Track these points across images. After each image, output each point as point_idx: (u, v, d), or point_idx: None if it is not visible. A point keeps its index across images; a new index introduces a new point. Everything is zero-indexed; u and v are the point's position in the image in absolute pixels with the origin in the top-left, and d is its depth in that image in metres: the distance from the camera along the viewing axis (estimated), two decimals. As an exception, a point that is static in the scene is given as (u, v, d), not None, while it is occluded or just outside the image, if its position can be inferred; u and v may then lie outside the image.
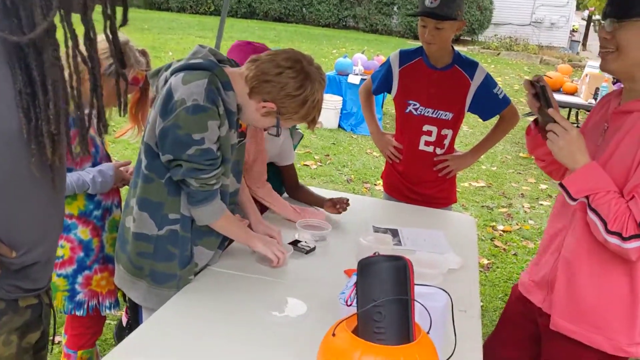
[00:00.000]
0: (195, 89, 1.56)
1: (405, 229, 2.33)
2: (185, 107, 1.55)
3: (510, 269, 4.11)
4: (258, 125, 1.77)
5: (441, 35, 2.44)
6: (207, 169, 1.63)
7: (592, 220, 1.49)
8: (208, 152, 1.61)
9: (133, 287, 1.79)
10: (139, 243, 1.74)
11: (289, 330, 1.57)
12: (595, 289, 1.60)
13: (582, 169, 1.51)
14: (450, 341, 1.39)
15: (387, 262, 1.18)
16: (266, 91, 1.65)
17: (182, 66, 1.63)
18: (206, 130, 1.58)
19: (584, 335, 1.63)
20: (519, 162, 6.82)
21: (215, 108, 1.59)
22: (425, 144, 2.65)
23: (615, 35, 1.52)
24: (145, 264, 1.75)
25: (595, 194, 1.48)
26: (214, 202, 1.70)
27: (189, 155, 1.59)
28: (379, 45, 16.22)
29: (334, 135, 7.08)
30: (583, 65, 12.92)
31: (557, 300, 1.69)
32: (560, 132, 1.52)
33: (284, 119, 1.71)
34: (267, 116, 1.70)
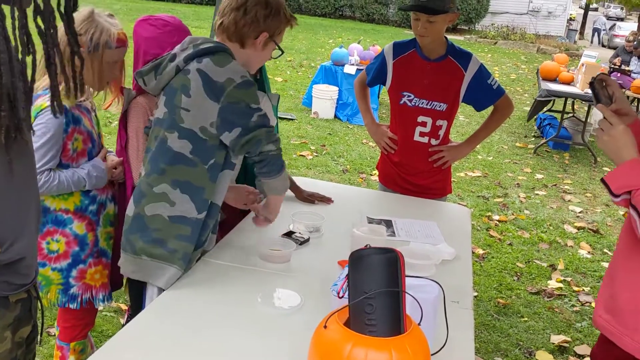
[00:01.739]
0: (237, 68, 1.72)
1: (399, 220, 2.34)
2: (236, 85, 1.69)
3: (506, 259, 4.13)
4: (265, 60, 1.94)
5: (434, 27, 2.44)
6: (271, 132, 1.74)
7: (633, 216, 1.44)
8: (265, 117, 1.74)
9: (159, 273, 1.78)
10: (177, 226, 1.76)
11: (282, 322, 1.58)
12: (631, 288, 1.54)
13: (625, 165, 1.46)
14: (443, 332, 1.41)
15: (378, 255, 1.18)
16: (251, 30, 1.79)
17: (198, 52, 1.73)
18: (258, 101, 1.75)
19: (616, 336, 1.58)
20: (515, 152, 6.83)
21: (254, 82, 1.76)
22: (420, 135, 2.65)
23: None
24: (180, 246, 1.77)
25: (637, 190, 1.42)
26: (284, 171, 1.81)
27: (256, 123, 1.71)
28: (376, 34, 16.17)
29: (330, 126, 7.08)
30: (580, 54, 12.90)
31: (599, 297, 1.66)
32: (605, 127, 1.50)
33: (277, 35, 1.86)
34: (266, 46, 1.85)
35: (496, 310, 3.44)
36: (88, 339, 2.31)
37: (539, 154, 6.79)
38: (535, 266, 4.05)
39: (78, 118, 1.97)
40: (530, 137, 7.59)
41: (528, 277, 3.90)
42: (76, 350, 2.21)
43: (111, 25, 1.96)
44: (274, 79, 9.31)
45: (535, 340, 3.17)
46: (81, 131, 1.98)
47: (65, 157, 1.96)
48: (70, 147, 1.95)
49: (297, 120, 7.15)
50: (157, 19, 2.06)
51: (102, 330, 2.86)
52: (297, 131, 6.71)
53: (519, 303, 3.55)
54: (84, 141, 2.00)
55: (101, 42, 1.92)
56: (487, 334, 3.19)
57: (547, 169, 6.31)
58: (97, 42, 1.91)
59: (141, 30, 2.06)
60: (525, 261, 4.13)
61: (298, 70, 10.38)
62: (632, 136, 1.48)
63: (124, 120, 2.11)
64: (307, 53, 12.21)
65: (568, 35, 20.45)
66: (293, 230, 2.13)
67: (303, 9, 20.59)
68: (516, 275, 3.91)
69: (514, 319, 3.37)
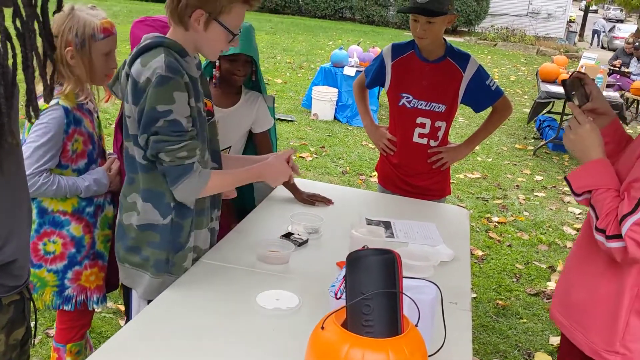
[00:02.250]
0: (155, 64, 1.56)
1: (398, 222, 2.34)
2: (152, 84, 1.55)
3: (505, 260, 4.13)
4: (218, 47, 1.69)
5: (433, 29, 2.44)
6: (173, 140, 1.59)
7: (591, 216, 1.48)
8: (175, 123, 1.58)
9: (138, 280, 1.79)
10: (147, 233, 1.74)
11: (280, 323, 1.58)
12: (585, 288, 1.58)
13: (588, 164, 1.48)
14: (441, 333, 1.41)
15: (375, 256, 1.18)
16: (184, 8, 1.60)
17: (135, 54, 1.64)
18: (172, 102, 1.57)
19: (569, 331, 1.63)
20: (515, 153, 6.83)
21: (178, 78, 1.58)
22: (419, 136, 2.66)
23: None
24: (152, 254, 1.75)
25: (597, 190, 1.45)
26: (191, 177, 1.64)
27: (157, 128, 1.58)
28: (375, 36, 16.18)
29: (330, 127, 7.08)
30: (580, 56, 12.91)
31: (557, 292, 1.72)
32: (573, 125, 1.51)
33: (223, 14, 1.62)
34: (209, 26, 1.63)
35: (495, 312, 3.44)
36: (86, 340, 2.31)
37: (538, 155, 6.79)
38: (534, 267, 4.05)
39: (79, 119, 1.96)
40: (529, 138, 7.59)
41: (527, 279, 3.90)
42: (72, 351, 2.20)
43: (93, 16, 1.93)
44: (273, 80, 9.31)
45: (534, 342, 3.17)
46: (82, 132, 1.98)
47: (65, 157, 1.95)
48: (69, 148, 1.95)
49: (296, 122, 7.15)
50: (155, 20, 2.05)
51: (100, 331, 2.86)
52: (296, 133, 6.71)
53: (518, 304, 3.55)
54: (84, 142, 2.00)
55: (86, 35, 1.90)
56: (486, 335, 3.19)
57: (546, 170, 6.31)
58: (83, 36, 1.89)
59: (138, 31, 2.06)
60: (524, 262, 4.13)
61: (298, 71, 10.39)
62: (599, 136, 1.49)
63: (121, 122, 2.11)
64: (306, 55, 12.22)
65: (568, 37, 20.46)
66: (292, 232, 2.13)
67: (303, 10, 20.61)
68: (515, 277, 3.91)
69: (513, 321, 3.36)
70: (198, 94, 1.71)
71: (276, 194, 2.54)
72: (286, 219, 2.22)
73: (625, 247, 1.37)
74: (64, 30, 1.89)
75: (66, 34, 1.89)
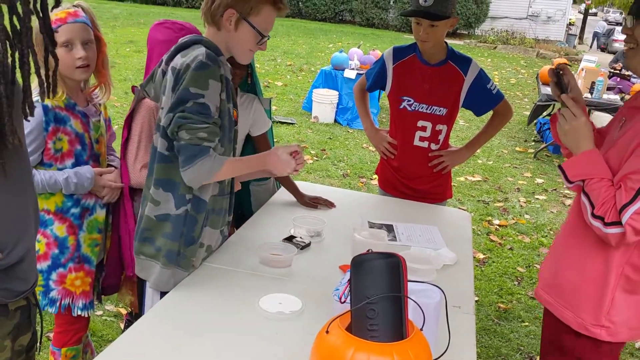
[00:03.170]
0: (197, 53, 1.63)
1: (400, 225, 2.33)
2: (190, 68, 1.61)
3: (506, 263, 4.13)
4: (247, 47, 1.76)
5: (435, 32, 2.44)
6: (197, 120, 1.63)
7: (583, 203, 1.57)
8: (203, 106, 1.63)
9: (151, 271, 1.81)
10: (163, 224, 1.77)
11: (283, 327, 1.57)
12: (574, 268, 1.68)
13: (582, 155, 1.58)
14: (445, 337, 1.40)
15: (380, 259, 1.18)
16: (217, 7, 1.69)
17: (174, 51, 1.71)
18: (206, 87, 1.62)
19: (556, 309, 1.73)
20: (515, 156, 6.83)
21: (216, 67, 1.64)
22: (419, 140, 2.65)
23: (634, 32, 1.59)
24: (163, 244, 1.78)
25: (590, 179, 1.55)
26: (205, 160, 1.65)
27: (186, 107, 1.63)
28: (375, 39, 16.20)
29: (330, 130, 7.08)
30: (580, 59, 12.92)
31: (542, 272, 1.84)
32: (568, 117, 1.60)
33: (253, 15, 1.71)
34: (239, 26, 1.71)
35: (497, 315, 3.44)
36: (88, 344, 2.30)
37: (539, 158, 6.79)
38: (535, 271, 4.04)
39: (63, 118, 1.94)
40: (530, 141, 7.59)
41: (529, 282, 3.90)
42: (68, 356, 2.18)
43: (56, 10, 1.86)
44: (274, 83, 9.32)
45: (536, 346, 3.16)
46: (67, 132, 1.95)
47: (47, 155, 1.94)
48: (51, 147, 1.93)
49: (297, 125, 7.15)
50: (174, 23, 2.08)
51: (102, 334, 2.86)
52: (297, 135, 6.71)
53: (520, 308, 3.54)
54: (71, 142, 1.97)
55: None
56: (487, 338, 3.19)
57: (547, 173, 6.31)
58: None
59: (157, 33, 2.09)
60: (525, 266, 4.13)
61: (298, 74, 10.39)
62: (590, 128, 1.61)
63: (130, 119, 2.12)
64: (307, 57, 12.22)
65: (567, 40, 20.49)
66: (294, 235, 2.12)
67: (303, 13, 20.64)
68: (517, 280, 3.91)
69: (515, 324, 3.36)
70: (229, 94, 1.75)
71: (278, 197, 2.54)
72: (288, 222, 2.21)
73: (623, 233, 1.49)
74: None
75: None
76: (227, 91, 1.74)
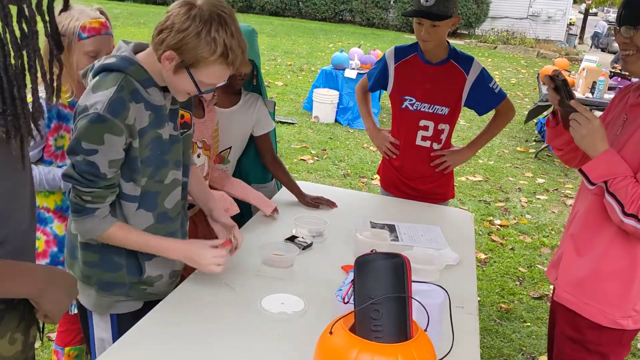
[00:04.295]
0: (100, 98, 1.44)
1: (402, 225, 2.33)
2: (85, 115, 1.44)
3: (508, 263, 4.12)
4: (182, 92, 1.55)
5: (437, 32, 2.43)
6: (83, 183, 1.49)
7: (609, 203, 1.59)
8: (92, 166, 1.47)
9: (84, 293, 1.70)
10: (86, 252, 1.66)
11: (286, 327, 1.56)
12: (596, 265, 1.69)
13: (602, 156, 1.60)
14: (448, 338, 1.39)
15: (384, 260, 1.17)
16: (161, 41, 1.45)
17: (99, 68, 1.52)
18: (101, 143, 1.44)
19: (580, 307, 1.73)
20: (516, 156, 6.82)
21: (116, 120, 1.44)
22: (422, 139, 2.64)
23: (633, 39, 1.61)
24: (92, 272, 1.67)
25: (614, 178, 1.57)
26: (88, 220, 1.53)
27: (76, 161, 1.48)
28: (376, 39, 16.19)
29: (331, 130, 7.07)
30: (580, 59, 12.91)
31: (562, 273, 1.82)
32: (583, 121, 1.62)
33: (198, 70, 1.48)
34: (178, 73, 1.48)
35: (499, 315, 3.43)
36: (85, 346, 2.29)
37: (540, 158, 6.78)
38: (537, 271, 4.04)
39: (66, 116, 1.94)
40: (531, 141, 7.58)
41: (530, 282, 3.89)
42: (71, 355, 2.17)
43: (83, 14, 1.90)
44: (274, 83, 9.31)
45: (538, 346, 3.15)
46: (69, 130, 1.95)
47: (48, 152, 1.93)
48: (52, 144, 1.93)
49: (297, 125, 7.14)
50: None
51: (102, 335, 2.84)
52: (297, 135, 6.70)
53: (522, 308, 3.53)
54: None
55: (69, 32, 1.87)
56: (489, 339, 3.18)
57: (548, 173, 6.30)
58: (65, 32, 1.87)
59: None
60: (527, 266, 4.12)
61: (298, 74, 10.39)
62: (604, 130, 1.63)
63: None
64: (307, 57, 12.22)
65: (568, 39, 20.48)
66: (296, 235, 2.12)
67: (303, 13, 20.62)
68: (518, 280, 3.90)
69: (517, 324, 3.35)
70: (161, 119, 1.58)
71: (280, 197, 2.53)
72: (290, 222, 2.21)
73: None
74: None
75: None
76: (159, 118, 1.57)
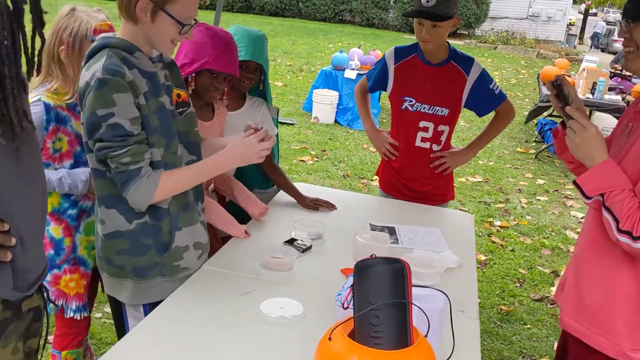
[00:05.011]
0: (95, 68, 1.51)
1: (402, 227, 2.31)
2: (91, 88, 1.50)
3: (508, 265, 4.10)
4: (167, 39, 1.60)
5: (438, 33, 2.42)
6: (116, 146, 1.52)
7: (606, 218, 1.46)
8: (117, 127, 1.51)
9: (120, 288, 1.75)
10: (116, 241, 1.69)
11: (285, 331, 1.55)
12: (602, 290, 1.55)
13: (598, 167, 1.48)
14: (449, 343, 1.38)
15: (384, 265, 1.16)
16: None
17: (86, 58, 1.59)
18: (113, 104, 1.50)
19: (588, 337, 1.59)
20: (516, 157, 6.81)
21: (117, 78, 1.50)
22: (421, 141, 2.63)
23: (632, 35, 1.51)
24: (125, 261, 1.70)
25: (610, 192, 1.44)
26: (137, 183, 1.56)
27: (100, 134, 1.52)
28: (376, 39, 16.18)
29: (331, 131, 7.06)
30: (580, 59, 12.90)
31: (566, 299, 1.68)
32: (577, 129, 1.50)
33: (171, 4, 1.54)
34: (157, 17, 1.55)
35: (499, 318, 3.41)
36: (87, 348, 2.27)
37: (540, 159, 6.77)
38: (537, 272, 4.02)
39: (64, 118, 1.92)
40: (531, 142, 7.57)
41: (531, 284, 3.87)
42: (68, 359, 2.16)
43: (93, 18, 1.93)
44: (274, 83, 9.29)
45: (538, 348, 3.14)
46: (67, 132, 1.94)
47: (45, 155, 1.92)
48: (50, 146, 1.91)
49: (297, 125, 7.13)
50: (208, 28, 2.01)
51: (100, 337, 2.83)
52: (297, 136, 6.69)
53: (522, 310, 3.52)
54: (70, 143, 1.95)
55: (80, 35, 1.89)
56: (490, 341, 3.16)
57: (548, 174, 6.28)
58: (77, 36, 1.89)
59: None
60: (527, 267, 4.10)
61: (298, 74, 10.37)
62: (602, 138, 1.50)
63: None
64: (307, 57, 12.20)
65: (568, 40, 20.47)
66: (295, 238, 2.10)
67: (303, 13, 20.60)
68: (519, 282, 3.88)
69: (517, 326, 3.33)
70: (157, 88, 1.62)
71: (278, 200, 2.51)
72: (289, 224, 2.19)
73: None
74: (60, 29, 1.90)
75: (61, 32, 1.90)
76: (154, 86, 1.61)
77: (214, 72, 2.01)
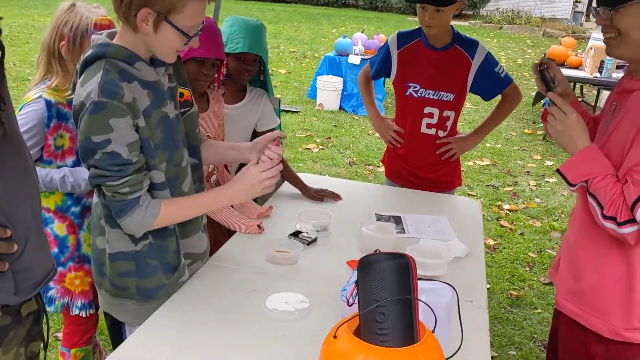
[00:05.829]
0: (90, 87, 1.38)
1: (408, 216, 2.28)
2: (86, 110, 1.38)
3: (517, 249, 4.07)
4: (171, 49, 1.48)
5: (441, 18, 2.37)
6: (113, 176, 1.43)
7: (592, 204, 1.48)
8: (113, 156, 1.41)
9: (121, 309, 1.67)
10: (119, 263, 1.61)
11: (290, 327, 1.53)
12: (595, 272, 1.58)
13: (580, 154, 1.49)
14: (456, 335, 1.35)
15: (388, 261, 1.13)
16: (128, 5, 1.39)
17: (82, 63, 1.47)
18: (109, 130, 1.38)
19: (583, 318, 1.61)
20: (524, 138, 6.74)
21: (114, 101, 1.38)
22: (427, 127, 2.59)
23: (613, 21, 1.48)
24: (129, 282, 1.62)
25: (593, 178, 1.46)
26: (135, 212, 1.48)
27: (96, 161, 1.42)
28: (379, 22, 16.03)
29: (336, 117, 7.01)
30: (587, 37, 12.71)
31: (561, 281, 1.70)
32: (559, 115, 1.51)
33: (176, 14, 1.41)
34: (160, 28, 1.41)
35: (509, 303, 3.39)
36: (96, 344, 2.27)
37: (548, 140, 6.69)
38: (547, 256, 3.99)
39: (66, 115, 1.91)
40: (538, 123, 7.48)
41: (540, 267, 3.84)
42: (77, 357, 2.16)
43: (93, 13, 1.92)
44: (277, 70, 9.24)
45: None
46: (69, 129, 1.92)
47: (47, 152, 1.90)
48: (51, 143, 1.90)
49: (302, 113, 7.08)
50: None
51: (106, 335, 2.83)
52: (302, 124, 6.64)
53: (532, 294, 3.49)
54: (72, 140, 1.94)
55: (80, 30, 1.88)
56: (500, 327, 3.14)
57: (557, 155, 6.21)
58: (77, 31, 1.88)
59: None
60: (537, 251, 4.07)
61: (302, 61, 10.30)
62: (584, 124, 1.51)
63: None
64: (310, 43, 12.11)
65: (574, 17, 20.17)
66: (300, 230, 2.08)
67: (305, -2, 20.44)
68: (528, 266, 3.85)
69: (528, 311, 3.31)
70: (161, 97, 1.52)
71: (283, 192, 2.49)
72: (294, 216, 2.17)
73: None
74: (61, 24, 1.89)
75: (62, 27, 1.89)
76: (158, 96, 1.51)
77: (199, 59, 1.97)
